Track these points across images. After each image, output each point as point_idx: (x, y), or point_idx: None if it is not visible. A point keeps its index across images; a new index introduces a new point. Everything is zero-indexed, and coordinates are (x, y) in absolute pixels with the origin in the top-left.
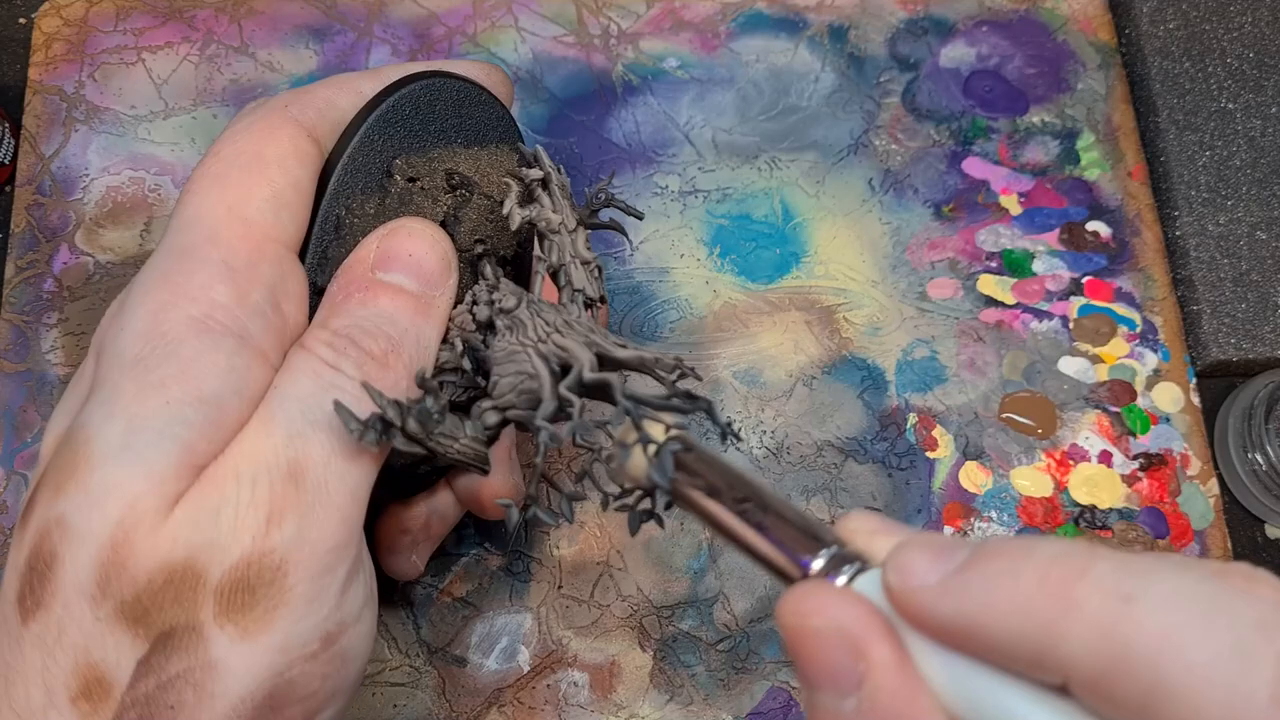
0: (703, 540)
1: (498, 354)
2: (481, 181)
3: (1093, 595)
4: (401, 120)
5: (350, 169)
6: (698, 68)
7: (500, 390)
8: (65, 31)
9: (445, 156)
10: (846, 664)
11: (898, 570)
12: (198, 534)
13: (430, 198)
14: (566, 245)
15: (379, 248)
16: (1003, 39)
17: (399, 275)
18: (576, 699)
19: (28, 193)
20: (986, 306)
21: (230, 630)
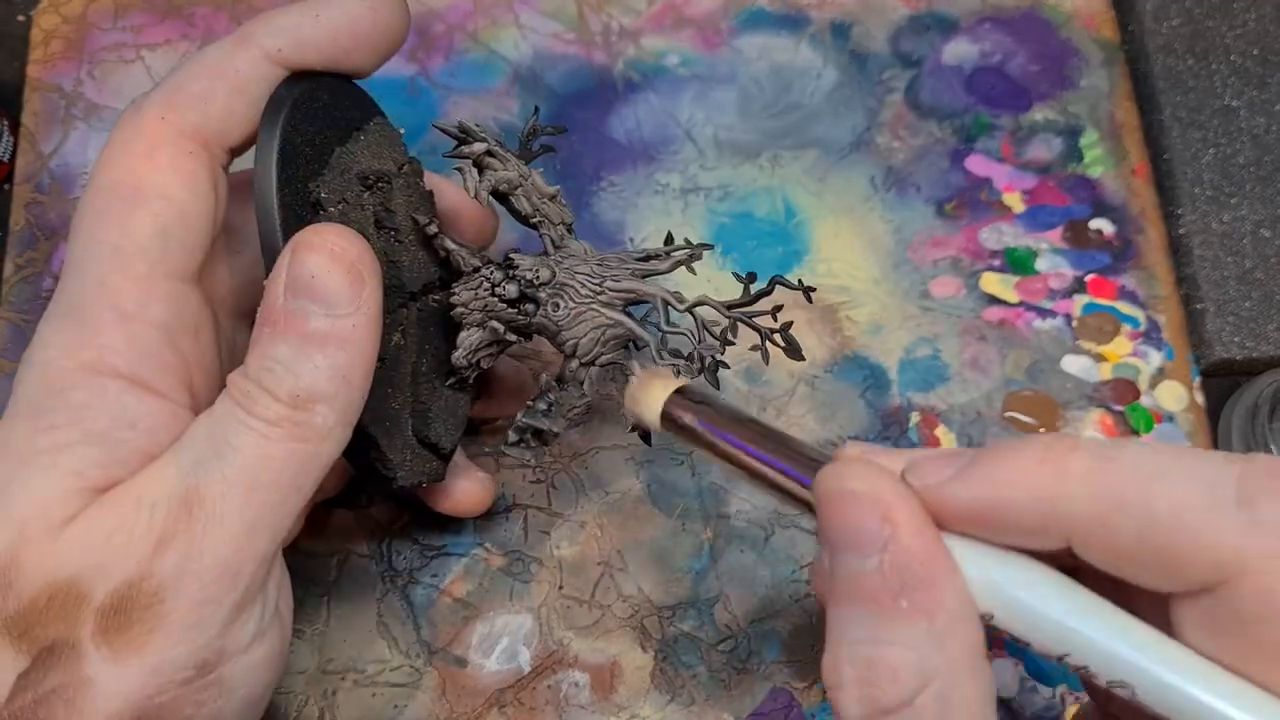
0: (704, 540)
1: (561, 320)
2: (387, 165)
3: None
4: (296, 155)
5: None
6: (699, 65)
7: (584, 349)
8: (64, 29)
9: (347, 161)
10: (873, 526)
11: (917, 472)
12: (86, 555)
13: (357, 207)
14: (531, 191)
15: (286, 274)
16: (1006, 36)
17: (304, 303)
18: (577, 699)
19: (26, 190)
20: (989, 305)
21: (105, 651)
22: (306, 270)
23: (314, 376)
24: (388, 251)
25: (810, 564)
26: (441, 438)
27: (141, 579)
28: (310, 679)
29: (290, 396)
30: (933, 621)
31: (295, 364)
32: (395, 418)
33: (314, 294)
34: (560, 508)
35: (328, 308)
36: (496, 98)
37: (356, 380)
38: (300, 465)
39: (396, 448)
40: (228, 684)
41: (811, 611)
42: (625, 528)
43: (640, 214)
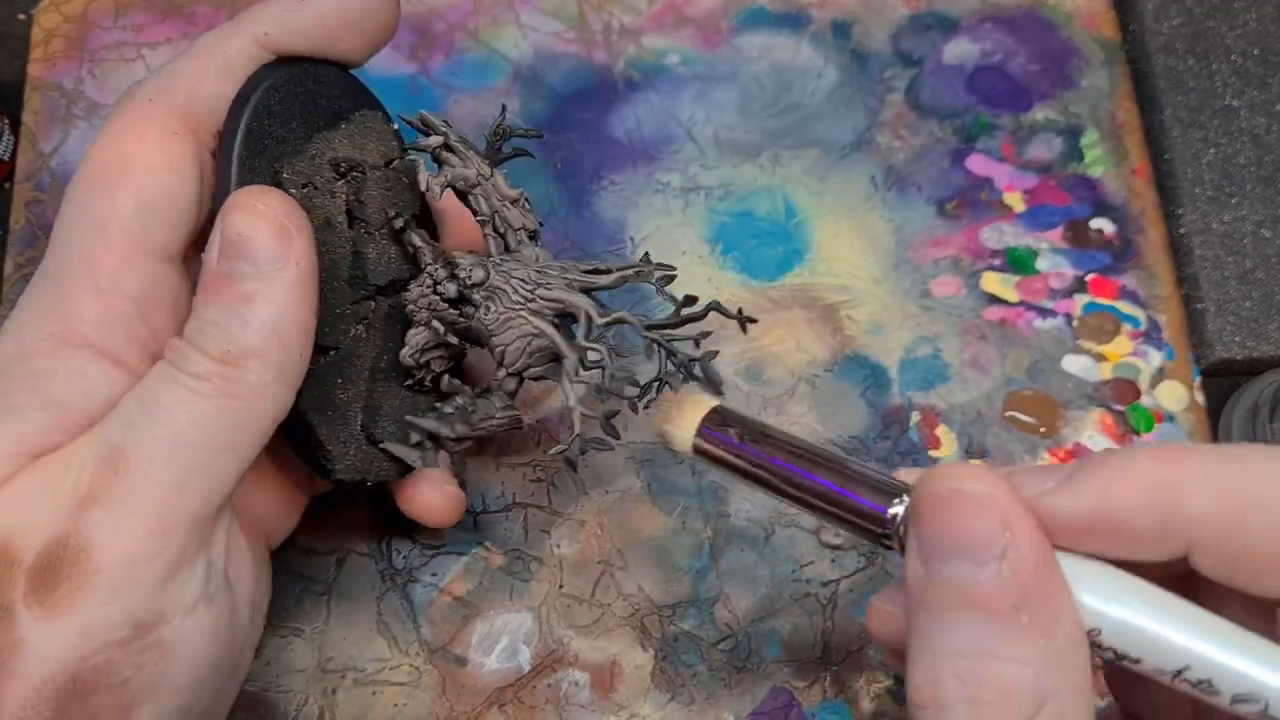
0: (704, 539)
1: (491, 325)
2: (366, 156)
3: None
4: (264, 135)
5: None
6: (700, 64)
7: (510, 357)
8: (65, 27)
9: (322, 148)
10: (992, 531)
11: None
12: (15, 515)
13: (327, 194)
14: (491, 192)
15: (219, 238)
16: (1006, 35)
17: (236, 263)
18: (577, 698)
19: (27, 189)
20: (990, 304)
21: (36, 610)
22: (235, 230)
23: (244, 332)
24: (356, 242)
25: (827, 579)
26: (389, 437)
27: (68, 535)
28: (310, 677)
29: (221, 353)
30: (1053, 640)
31: (227, 322)
32: (342, 409)
33: (243, 253)
34: (560, 506)
35: (256, 265)
36: (497, 96)
37: (291, 337)
38: (232, 423)
39: (338, 439)
40: (169, 647)
41: (812, 610)
42: (625, 526)
43: (641, 213)
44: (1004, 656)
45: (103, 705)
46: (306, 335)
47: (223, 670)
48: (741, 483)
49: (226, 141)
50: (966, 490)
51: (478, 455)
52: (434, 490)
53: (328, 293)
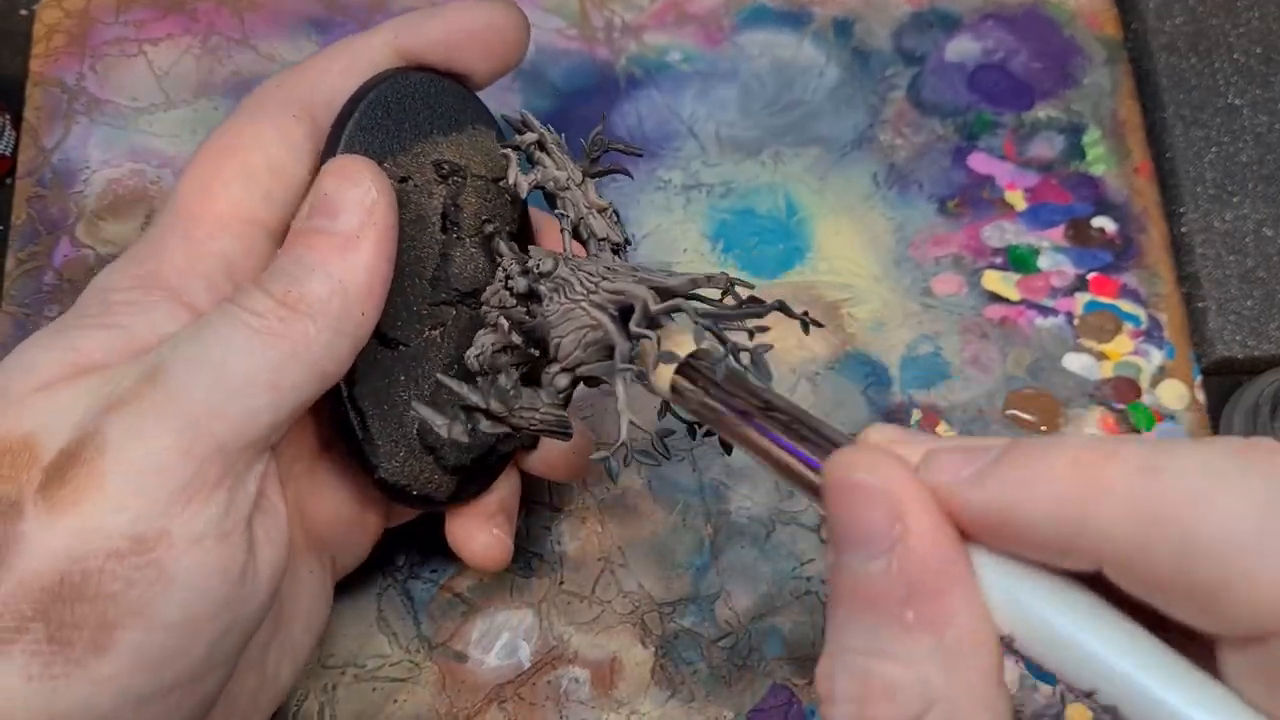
0: (705, 537)
1: (552, 317)
2: (471, 164)
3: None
4: (375, 126)
5: None
6: (701, 61)
7: (565, 350)
8: (66, 23)
9: (429, 149)
10: (882, 524)
11: (932, 468)
12: (44, 416)
13: (424, 193)
14: (579, 199)
15: (308, 198)
16: (1008, 33)
17: (317, 220)
18: (577, 695)
19: (28, 185)
20: (991, 303)
21: (42, 505)
22: (322, 190)
23: (309, 280)
24: (445, 246)
25: (811, 560)
26: (445, 446)
27: (88, 435)
28: (310, 673)
29: (282, 294)
30: (941, 638)
31: (295, 270)
32: (400, 408)
33: (326, 211)
34: (561, 503)
35: (335, 222)
36: (499, 93)
37: (355, 294)
38: (277, 362)
39: (389, 437)
40: (166, 572)
41: (812, 608)
42: (626, 523)
43: (642, 210)
44: (890, 655)
45: (85, 616)
46: (371, 298)
47: (223, 628)
48: (718, 431)
49: (335, 125)
50: (858, 479)
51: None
52: (481, 529)
53: (407, 287)
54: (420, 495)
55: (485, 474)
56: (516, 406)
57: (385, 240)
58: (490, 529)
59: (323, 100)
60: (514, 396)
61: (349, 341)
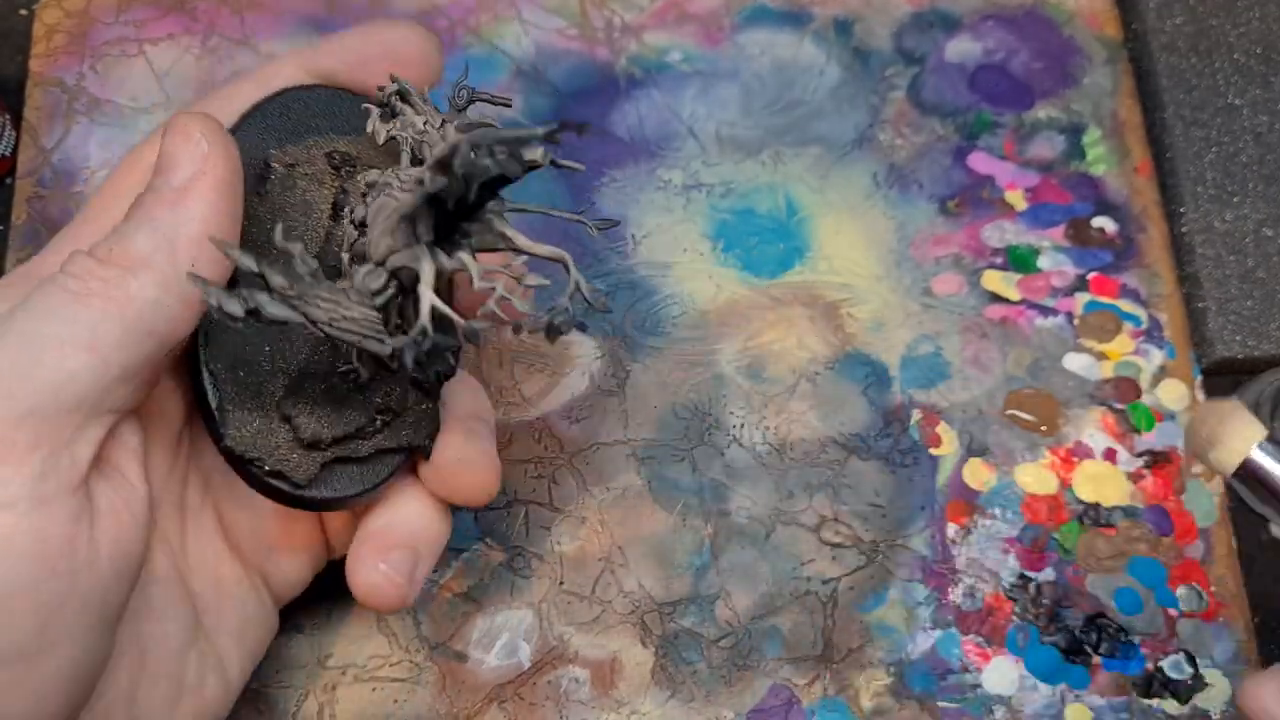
0: (705, 537)
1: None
2: (364, 158)
3: None
4: (269, 124)
5: None
6: (701, 61)
7: (375, 244)
8: (66, 23)
9: (323, 143)
10: None
11: None
12: None
13: (315, 181)
14: (436, 141)
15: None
16: (1009, 34)
17: (157, 177)
18: (577, 695)
19: (28, 185)
20: (991, 303)
21: None
22: (162, 149)
23: (134, 235)
24: (332, 231)
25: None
26: (302, 417)
27: None
28: (309, 674)
29: (105, 253)
30: None
31: (124, 228)
32: (261, 377)
33: (160, 167)
34: (561, 503)
35: (170, 180)
36: (499, 93)
37: (183, 246)
38: (95, 321)
39: (243, 405)
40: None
41: (812, 608)
42: (626, 523)
43: (642, 210)
44: None
45: None
46: (203, 251)
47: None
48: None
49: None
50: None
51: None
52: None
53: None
54: (273, 471)
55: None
56: (310, 291)
57: (220, 190)
58: (380, 564)
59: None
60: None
61: (179, 299)
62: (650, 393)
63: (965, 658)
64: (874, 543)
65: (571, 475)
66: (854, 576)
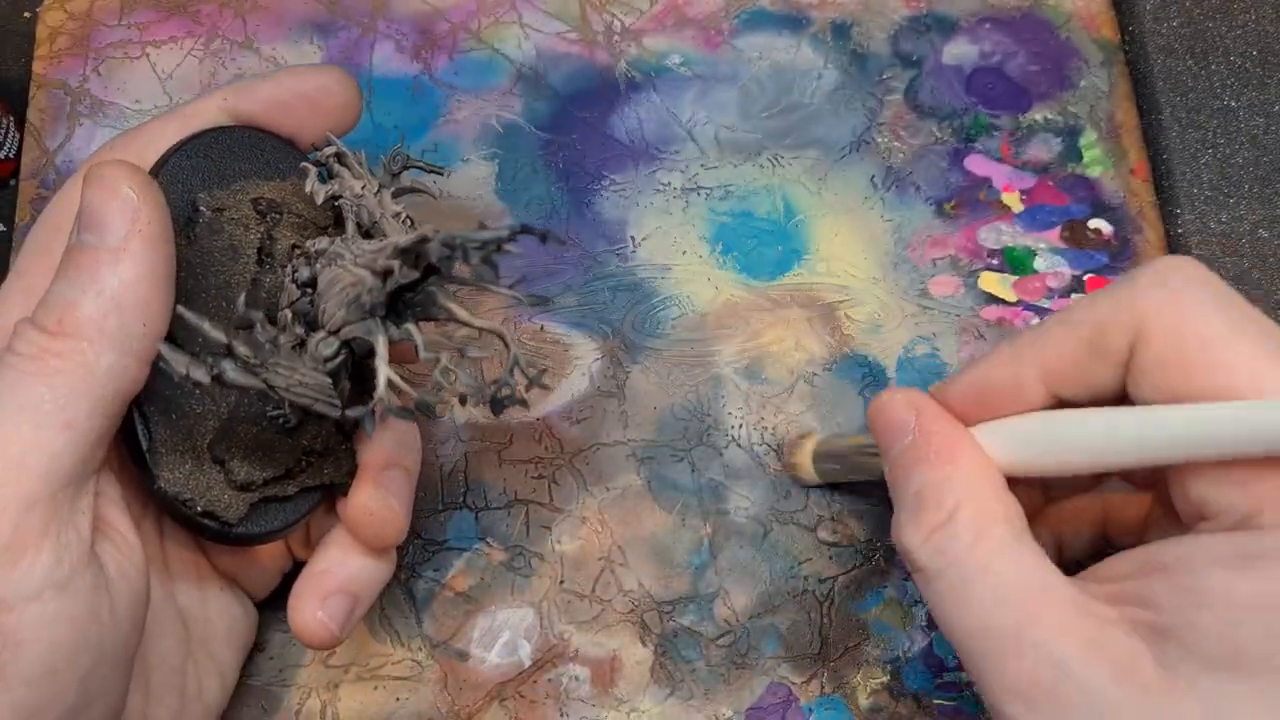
0: (704, 536)
1: (322, 288)
2: (290, 204)
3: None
4: (192, 167)
5: None
6: (701, 64)
7: (329, 315)
8: (69, 25)
9: (249, 188)
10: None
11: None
12: None
13: (241, 225)
14: (374, 206)
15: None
16: (1005, 36)
17: (86, 236)
18: (577, 693)
19: (31, 187)
20: (988, 304)
21: None
22: (86, 202)
23: (81, 302)
24: (257, 275)
25: (806, 561)
26: (235, 461)
27: None
28: (312, 672)
29: (55, 325)
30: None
31: (66, 292)
32: (192, 420)
33: (91, 224)
34: (561, 503)
35: (102, 235)
36: (500, 97)
37: (131, 307)
38: (65, 397)
39: (175, 448)
40: (13, 636)
41: (810, 606)
42: (626, 523)
43: (641, 213)
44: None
45: None
46: (151, 307)
47: (93, 662)
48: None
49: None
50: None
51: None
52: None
53: (214, 309)
54: (205, 511)
55: (285, 506)
56: (270, 360)
57: (156, 245)
58: (318, 608)
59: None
60: (269, 351)
61: (135, 358)
62: (649, 394)
63: None
64: (871, 542)
65: (571, 475)
66: (851, 575)
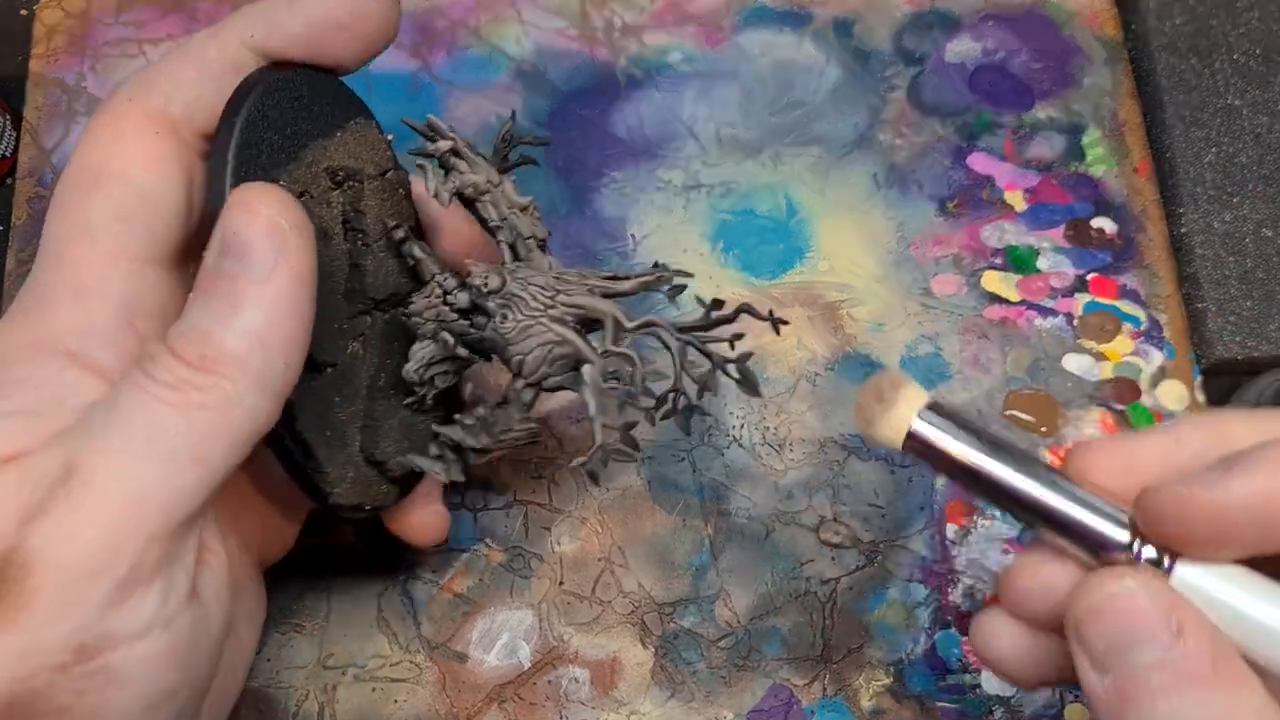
0: (705, 537)
1: (509, 334)
2: (363, 166)
3: None
4: (259, 142)
5: None
6: (702, 61)
7: (529, 367)
8: (67, 24)
9: (318, 156)
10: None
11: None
12: None
13: (323, 203)
14: (500, 200)
15: (217, 236)
16: (1009, 34)
17: (228, 262)
18: (577, 695)
19: (29, 185)
20: (991, 303)
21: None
22: (230, 228)
23: (224, 337)
24: (354, 254)
25: (812, 570)
26: (390, 458)
27: (11, 550)
28: (310, 674)
29: (196, 358)
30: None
31: (209, 325)
32: (341, 430)
33: (235, 251)
34: (561, 503)
35: (247, 266)
36: (499, 94)
37: (276, 345)
38: (201, 434)
39: (337, 462)
40: (116, 674)
41: (811, 608)
42: (626, 524)
43: (642, 210)
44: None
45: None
46: (295, 345)
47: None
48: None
49: (218, 149)
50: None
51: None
52: (425, 511)
53: (324, 307)
54: (372, 509)
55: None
56: (498, 433)
57: (304, 279)
58: (433, 507)
59: (181, 112)
60: (494, 424)
61: (276, 395)
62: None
63: (965, 658)
64: (873, 543)
65: (572, 475)
66: (853, 577)
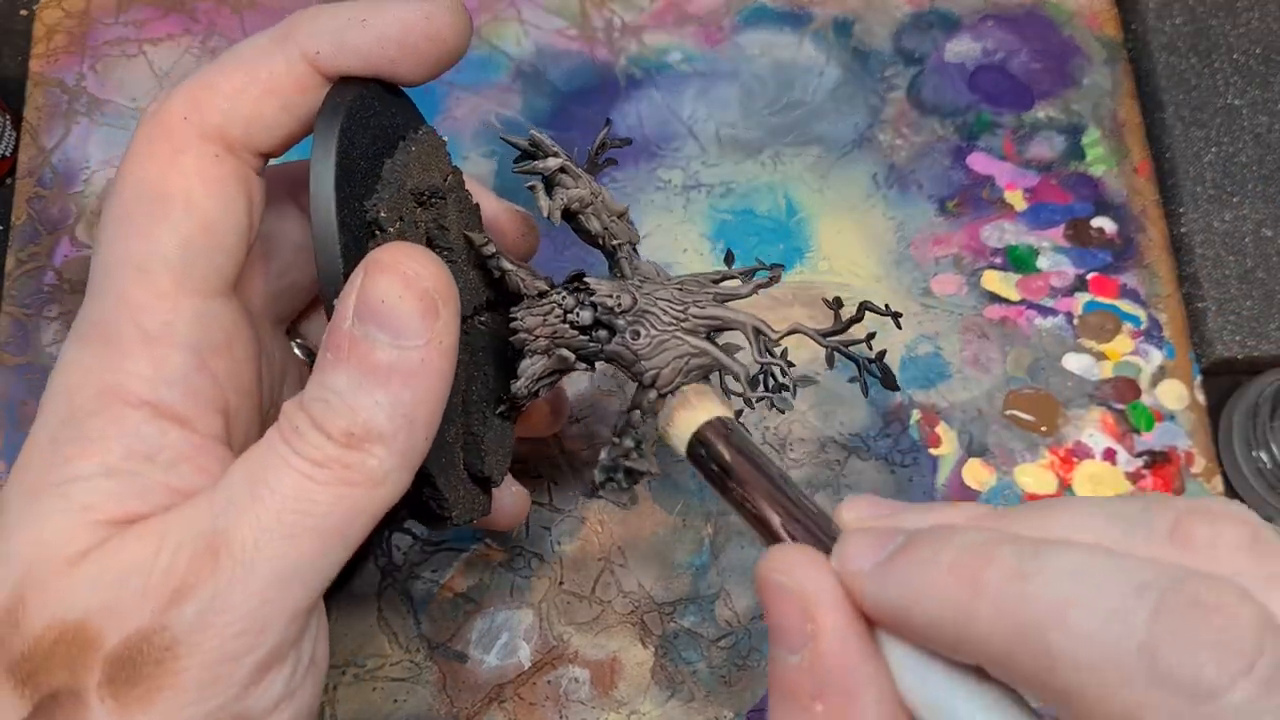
0: (705, 537)
1: (642, 349)
2: (437, 178)
3: (994, 577)
4: (351, 170)
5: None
6: (701, 61)
7: (664, 379)
8: (66, 23)
9: (399, 175)
10: (797, 623)
11: (840, 557)
12: (97, 596)
13: (412, 226)
14: (601, 210)
15: (356, 296)
16: (1008, 34)
17: (372, 329)
18: (577, 695)
19: (29, 185)
20: (991, 303)
21: (111, 704)
22: (377, 294)
23: (373, 413)
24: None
25: None
26: (494, 471)
27: (155, 631)
28: None
29: (344, 434)
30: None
31: (354, 397)
32: (449, 450)
33: (383, 321)
34: (561, 504)
35: (396, 337)
36: (499, 93)
37: (421, 422)
38: (348, 512)
39: (451, 484)
40: None
41: None
42: (626, 524)
43: (642, 210)
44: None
45: None
46: (437, 417)
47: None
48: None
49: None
50: (776, 582)
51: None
52: (506, 494)
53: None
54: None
55: None
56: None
57: (450, 354)
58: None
59: (242, 133)
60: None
61: (415, 468)
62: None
63: None
64: None
65: (572, 475)
66: None
